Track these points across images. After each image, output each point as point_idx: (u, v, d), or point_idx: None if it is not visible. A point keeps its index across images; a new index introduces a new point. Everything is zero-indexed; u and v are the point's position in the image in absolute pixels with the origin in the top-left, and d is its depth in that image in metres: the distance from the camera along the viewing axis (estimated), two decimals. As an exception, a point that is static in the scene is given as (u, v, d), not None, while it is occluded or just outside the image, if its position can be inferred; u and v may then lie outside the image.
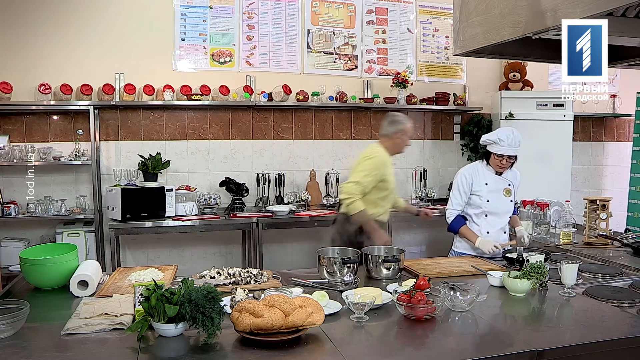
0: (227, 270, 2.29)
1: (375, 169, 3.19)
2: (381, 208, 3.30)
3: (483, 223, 3.12)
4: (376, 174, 3.19)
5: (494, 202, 3.10)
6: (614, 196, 4.16)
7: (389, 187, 3.28)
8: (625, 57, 2.66)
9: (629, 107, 5.37)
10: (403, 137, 3.32)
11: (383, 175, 3.21)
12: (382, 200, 3.28)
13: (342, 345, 1.60)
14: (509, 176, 3.15)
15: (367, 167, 3.20)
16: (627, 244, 3.04)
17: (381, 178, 3.20)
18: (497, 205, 3.10)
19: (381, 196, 3.27)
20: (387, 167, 3.25)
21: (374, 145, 3.37)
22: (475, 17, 2.46)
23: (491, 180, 3.11)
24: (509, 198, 3.13)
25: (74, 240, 3.87)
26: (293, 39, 4.67)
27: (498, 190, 3.11)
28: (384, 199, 3.30)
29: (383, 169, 3.21)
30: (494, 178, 3.11)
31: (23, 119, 4.11)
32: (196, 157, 4.51)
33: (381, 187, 3.24)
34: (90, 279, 2.10)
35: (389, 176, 3.26)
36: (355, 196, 3.12)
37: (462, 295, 1.92)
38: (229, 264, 4.45)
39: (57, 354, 1.54)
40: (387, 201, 3.33)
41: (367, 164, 3.21)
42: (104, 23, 4.20)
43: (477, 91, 5.18)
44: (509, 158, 3.04)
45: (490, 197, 3.09)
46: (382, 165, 3.21)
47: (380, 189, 3.24)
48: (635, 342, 1.70)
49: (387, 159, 3.27)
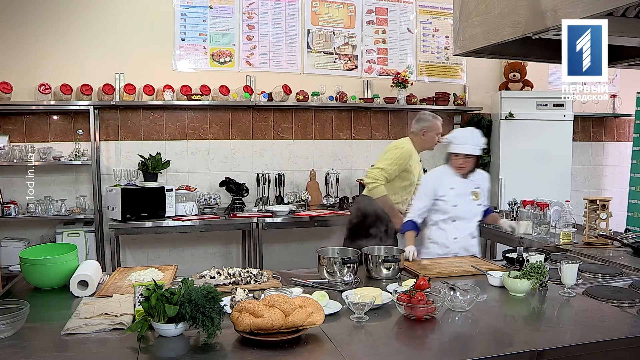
0: (227, 270, 2.29)
1: (400, 158, 3.42)
2: (400, 197, 3.50)
3: (450, 229, 3.01)
4: (401, 163, 3.42)
5: (462, 206, 2.98)
6: (614, 196, 4.16)
7: (411, 179, 3.48)
8: (625, 57, 2.66)
9: (629, 107, 5.37)
10: (429, 133, 3.50)
11: (407, 165, 3.43)
12: (403, 189, 3.50)
13: (342, 345, 1.60)
14: (477, 179, 3.02)
15: (393, 156, 3.44)
16: (627, 244, 3.03)
17: (405, 168, 3.43)
18: (465, 210, 2.99)
19: (403, 185, 3.49)
20: (412, 160, 3.46)
21: (405, 139, 3.59)
22: (475, 17, 2.46)
23: (457, 184, 2.98)
24: (477, 202, 3.01)
25: (74, 240, 3.87)
26: (293, 39, 4.67)
27: (465, 194, 2.99)
28: (405, 189, 3.50)
29: (408, 160, 3.44)
30: (460, 181, 2.99)
31: (23, 119, 4.11)
32: (196, 157, 4.51)
33: (404, 176, 3.47)
34: (90, 279, 2.10)
35: (413, 168, 3.47)
36: (379, 181, 3.39)
37: (462, 295, 1.91)
38: (229, 264, 4.46)
39: (57, 354, 1.54)
40: (407, 192, 3.51)
41: (394, 153, 3.46)
42: (104, 23, 4.20)
43: (477, 91, 5.18)
44: (466, 157, 2.92)
45: (457, 202, 2.97)
46: (407, 157, 3.43)
47: (403, 178, 3.47)
48: (635, 342, 1.69)
49: (413, 152, 3.48)
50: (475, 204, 3.02)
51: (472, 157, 2.94)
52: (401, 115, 5.00)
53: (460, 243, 2.99)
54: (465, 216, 3.01)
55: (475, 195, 3.01)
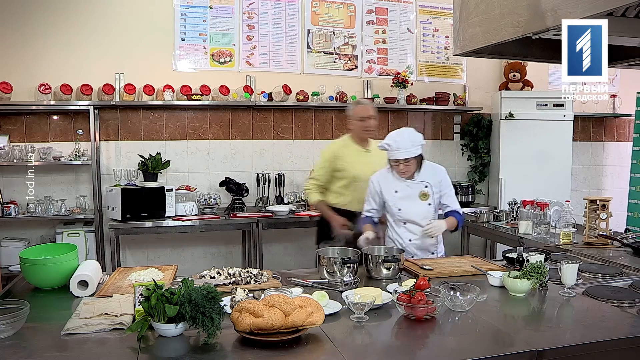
0: (227, 270, 2.29)
1: (325, 160, 3.35)
2: (345, 197, 3.31)
3: (402, 231, 2.91)
4: (326, 165, 3.32)
5: (407, 209, 2.87)
6: (614, 196, 4.16)
7: (347, 176, 3.27)
8: (625, 57, 2.66)
9: (629, 107, 5.37)
10: (353, 122, 3.33)
11: (335, 165, 3.28)
12: (344, 189, 3.30)
13: (342, 345, 1.60)
14: (425, 177, 2.88)
15: (319, 160, 3.44)
16: (627, 244, 3.03)
17: (334, 168, 3.29)
18: (413, 212, 2.87)
19: (341, 185, 3.31)
20: (338, 158, 3.29)
21: (337, 139, 3.53)
22: (475, 17, 2.46)
23: (401, 187, 2.88)
24: (426, 202, 2.87)
25: (74, 240, 3.87)
26: (293, 39, 4.67)
27: (411, 196, 2.87)
28: (347, 188, 3.29)
29: (334, 160, 3.29)
30: (404, 184, 2.87)
31: (23, 119, 4.11)
32: (196, 157, 4.51)
33: (338, 176, 3.31)
34: (90, 279, 2.10)
35: (346, 164, 3.27)
36: (309, 190, 3.40)
37: (462, 295, 1.91)
38: (229, 264, 4.45)
39: (57, 354, 1.54)
40: (350, 189, 3.28)
41: (320, 157, 3.46)
42: (104, 23, 4.20)
43: (477, 91, 5.18)
44: (406, 161, 2.77)
45: (402, 205, 2.87)
46: (332, 157, 3.31)
47: (338, 178, 3.31)
48: (635, 342, 1.69)
49: (338, 149, 3.33)
50: (425, 204, 2.87)
51: (412, 159, 2.78)
52: (401, 115, 5.00)
53: (416, 244, 2.89)
54: (413, 218, 2.88)
55: (423, 196, 2.86)
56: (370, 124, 3.29)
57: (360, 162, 3.28)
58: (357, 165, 3.27)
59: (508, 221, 3.98)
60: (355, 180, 3.26)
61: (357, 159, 3.30)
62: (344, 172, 3.28)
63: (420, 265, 2.54)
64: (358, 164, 3.27)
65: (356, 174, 3.25)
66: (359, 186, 3.23)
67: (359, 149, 3.33)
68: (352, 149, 3.33)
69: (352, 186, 3.28)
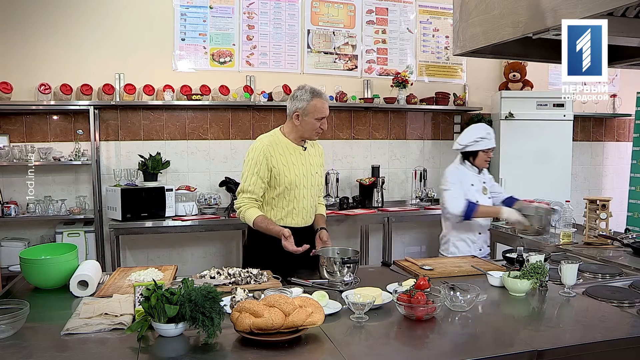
0: (227, 270, 2.29)
1: (255, 164, 2.56)
2: (277, 210, 2.62)
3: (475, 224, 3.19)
4: (258, 170, 2.55)
5: (481, 201, 3.16)
6: (614, 196, 4.16)
7: (282, 183, 2.56)
8: (625, 57, 2.66)
9: (629, 107, 5.37)
10: (305, 118, 2.57)
11: (270, 167, 2.56)
12: (281, 198, 2.60)
13: (342, 345, 1.60)
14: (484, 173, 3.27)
15: (247, 166, 2.60)
16: (627, 244, 3.03)
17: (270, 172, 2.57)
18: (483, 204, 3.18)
19: (273, 195, 2.60)
20: (272, 158, 2.56)
21: (264, 134, 2.73)
22: (475, 17, 2.46)
23: (476, 181, 3.17)
24: (486, 196, 3.21)
25: (74, 240, 3.87)
26: (293, 39, 4.67)
27: (480, 190, 3.19)
28: (280, 198, 2.60)
29: (266, 161, 2.55)
30: (476, 178, 3.19)
31: (23, 119, 4.11)
32: (196, 157, 4.50)
33: (273, 183, 2.58)
34: (90, 279, 2.10)
35: (279, 168, 2.57)
36: (241, 208, 2.58)
37: (462, 295, 1.92)
38: (229, 264, 4.45)
39: (57, 354, 1.54)
40: (287, 202, 2.61)
41: (247, 161, 2.62)
42: (104, 23, 4.20)
43: (477, 91, 5.18)
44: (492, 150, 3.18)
45: (478, 197, 3.15)
46: (262, 157, 2.55)
47: (273, 185, 2.58)
48: (635, 342, 1.69)
49: (269, 147, 2.59)
50: (486, 197, 3.18)
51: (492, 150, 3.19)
52: (401, 115, 5.00)
53: (483, 237, 3.16)
54: None
55: (484, 190, 3.18)
56: (325, 126, 2.62)
57: (297, 164, 2.61)
58: (293, 168, 2.59)
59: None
60: (292, 188, 2.59)
61: (292, 160, 2.61)
62: (277, 178, 2.56)
63: (420, 265, 2.55)
64: (294, 167, 2.60)
65: (293, 180, 2.58)
66: (296, 195, 2.61)
67: (294, 147, 2.63)
68: (286, 147, 2.61)
69: (288, 196, 2.60)
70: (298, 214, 2.64)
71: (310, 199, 2.69)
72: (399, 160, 5.02)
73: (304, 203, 2.65)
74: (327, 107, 2.62)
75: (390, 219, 4.41)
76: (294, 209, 2.62)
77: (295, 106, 2.59)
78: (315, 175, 2.70)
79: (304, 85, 2.61)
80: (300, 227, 2.63)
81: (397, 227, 4.85)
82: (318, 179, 2.74)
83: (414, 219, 4.75)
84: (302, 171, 2.62)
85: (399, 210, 4.51)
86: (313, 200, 2.72)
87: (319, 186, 2.77)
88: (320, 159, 2.77)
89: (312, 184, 2.67)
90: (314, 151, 2.73)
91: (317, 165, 2.71)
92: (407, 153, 5.04)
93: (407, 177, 5.02)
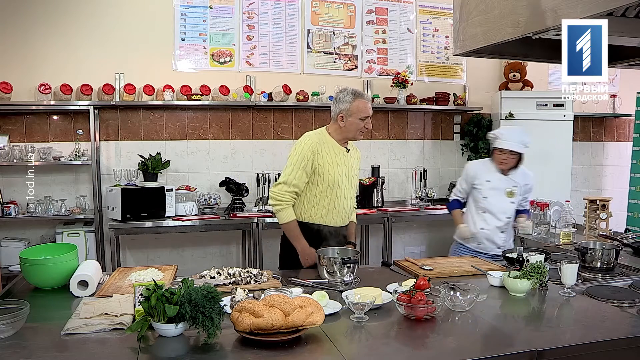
0: (227, 270, 2.29)
1: (304, 158, 2.60)
2: (319, 209, 2.67)
3: (478, 219, 3.16)
4: (306, 164, 2.60)
5: (492, 199, 3.12)
6: (614, 196, 4.16)
7: (327, 180, 2.63)
8: (625, 57, 2.66)
9: (629, 107, 5.37)
10: (349, 118, 2.64)
11: (316, 165, 2.61)
12: (319, 197, 2.66)
13: (342, 345, 1.60)
14: (517, 178, 3.16)
15: (294, 159, 2.62)
16: (627, 244, 3.03)
17: (313, 169, 2.62)
18: (494, 204, 3.12)
19: (316, 192, 2.66)
20: (320, 156, 2.62)
21: (315, 131, 2.77)
22: (475, 17, 2.46)
23: (495, 179, 3.12)
24: (510, 199, 3.13)
25: (74, 240, 3.87)
26: (293, 39, 4.67)
27: (499, 189, 3.12)
28: (323, 196, 2.66)
29: (314, 157, 2.60)
30: (498, 177, 3.13)
31: (23, 119, 4.11)
32: (196, 157, 4.50)
33: (315, 180, 2.63)
34: (90, 279, 2.10)
35: (326, 165, 2.63)
36: (283, 203, 2.61)
37: (462, 295, 1.92)
38: (229, 264, 4.45)
39: (57, 354, 1.54)
40: (328, 200, 2.67)
41: (294, 154, 2.64)
42: (104, 23, 4.20)
43: (477, 91, 5.18)
44: (510, 154, 3.06)
45: (489, 194, 3.11)
46: (311, 153, 2.60)
47: (313, 183, 2.64)
48: (635, 342, 1.69)
49: (320, 145, 2.64)
50: (508, 201, 3.13)
51: (515, 154, 3.07)
52: (401, 115, 5.00)
53: (485, 234, 3.11)
54: (494, 210, 3.12)
55: (509, 194, 3.12)
56: (369, 126, 2.70)
57: (341, 165, 2.69)
58: (337, 167, 2.66)
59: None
60: (334, 187, 2.66)
61: (337, 159, 2.68)
62: (322, 175, 2.63)
63: (420, 265, 2.55)
64: (338, 167, 2.67)
65: (336, 179, 2.65)
66: (337, 194, 2.69)
67: (339, 148, 2.71)
68: (331, 146, 2.69)
69: (330, 194, 2.67)
70: (338, 214, 2.73)
71: (350, 199, 2.80)
72: (399, 160, 5.02)
73: (345, 203, 2.74)
74: (370, 107, 2.70)
75: (390, 219, 4.41)
76: (334, 208, 2.70)
77: (339, 108, 2.67)
78: (355, 177, 2.83)
79: (345, 88, 2.72)
80: (339, 226, 2.75)
81: (397, 227, 4.85)
82: (356, 180, 2.88)
83: (414, 219, 4.76)
84: (344, 172, 2.71)
85: (399, 210, 4.51)
86: (352, 201, 2.84)
87: (355, 188, 2.88)
88: (358, 162, 2.89)
89: (352, 185, 2.80)
90: (353, 153, 2.83)
91: (355, 168, 2.83)
92: (407, 153, 5.04)
93: (407, 177, 5.02)
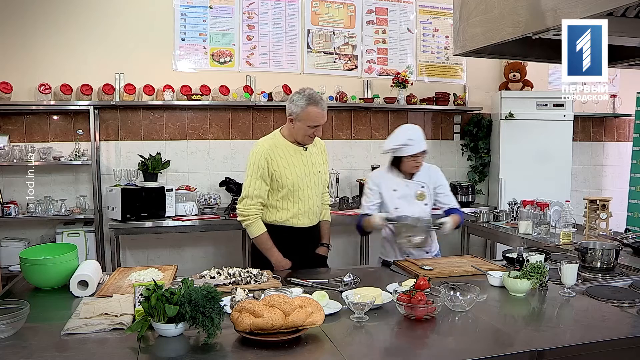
0: (227, 270, 2.29)
1: (258, 168, 2.57)
2: (284, 212, 2.64)
3: None
4: (262, 173, 2.57)
5: (404, 208, 2.85)
6: (614, 196, 4.16)
7: (285, 185, 2.59)
8: (625, 57, 2.67)
9: (629, 107, 5.37)
10: (298, 123, 2.57)
11: (271, 170, 2.58)
12: (282, 201, 2.64)
13: (342, 345, 1.60)
14: (422, 177, 2.91)
15: (248, 171, 2.61)
16: (627, 244, 3.03)
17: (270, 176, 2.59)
18: (408, 212, 2.83)
19: (278, 197, 2.63)
20: (273, 161, 2.58)
21: (264, 137, 2.74)
22: (475, 17, 2.46)
23: (401, 186, 2.88)
24: (422, 202, 2.89)
25: (74, 240, 3.87)
26: (293, 39, 4.67)
27: (408, 196, 2.87)
28: (286, 200, 2.63)
29: (267, 164, 2.57)
30: (403, 183, 2.88)
31: (23, 119, 4.11)
32: (196, 157, 4.50)
33: (275, 186, 2.60)
34: (90, 279, 2.10)
35: (280, 170, 2.59)
36: (250, 215, 2.59)
37: (462, 295, 1.91)
38: (229, 264, 4.44)
39: (57, 354, 1.54)
40: (292, 203, 2.64)
41: (248, 167, 2.63)
42: (104, 23, 4.20)
43: (477, 91, 5.17)
44: (423, 154, 2.81)
45: (400, 204, 2.85)
46: (264, 161, 2.56)
47: (274, 189, 2.61)
48: (635, 342, 1.69)
49: (269, 151, 2.59)
50: (421, 204, 2.89)
51: (423, 152, 2.82)
52: (401, 115, 5.00)
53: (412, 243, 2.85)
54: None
55: (420, 196, 2.88)
56: (319, 133, 2.62)
57: (299, 165, 2.64)
58: (294, 169, 2.62)
59: (508, 221, 3.98)
60: (295, 190, 2.62)
61: (293, 161, 2.63)
62: (280, 180, 2.59)
63: (420, 265, 2.54)
64: (296, 168, 2.63)
65: (295, 181, 2.61)
66: (300, 196, 2.65)
67: (295, 149, 2.65)
68: (286, 149, 2.63)
69: (292, 197, 2.63)
70: (304, 215, 2.67)
71: (315, 198, 2.72)
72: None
73: (310, 203, 2.67)
74: (324, 115, 2.59)
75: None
76: (299, 210, 2.65)
77: (290, 109, 2.58)
78: (319, 174, 2.72)
79: (304, 90, 2.60)
80: (307, 227, 2.69)
81: (397, 227, 4.85)
82: (322, 177, 2.76)
83: (414, 219, 4.75)
84: (304, 172, 2.64)
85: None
86: (319, 200, 2.76)
87: (324, 183, 2.80)
88: (323, 156, 2.79)
89: (315, 183, 2.69)
90: (315, 149, 2.73)
91: (319, 164, 2.73)
92: (407, 153, 5.03)
93: (407, 177, 5.02)
